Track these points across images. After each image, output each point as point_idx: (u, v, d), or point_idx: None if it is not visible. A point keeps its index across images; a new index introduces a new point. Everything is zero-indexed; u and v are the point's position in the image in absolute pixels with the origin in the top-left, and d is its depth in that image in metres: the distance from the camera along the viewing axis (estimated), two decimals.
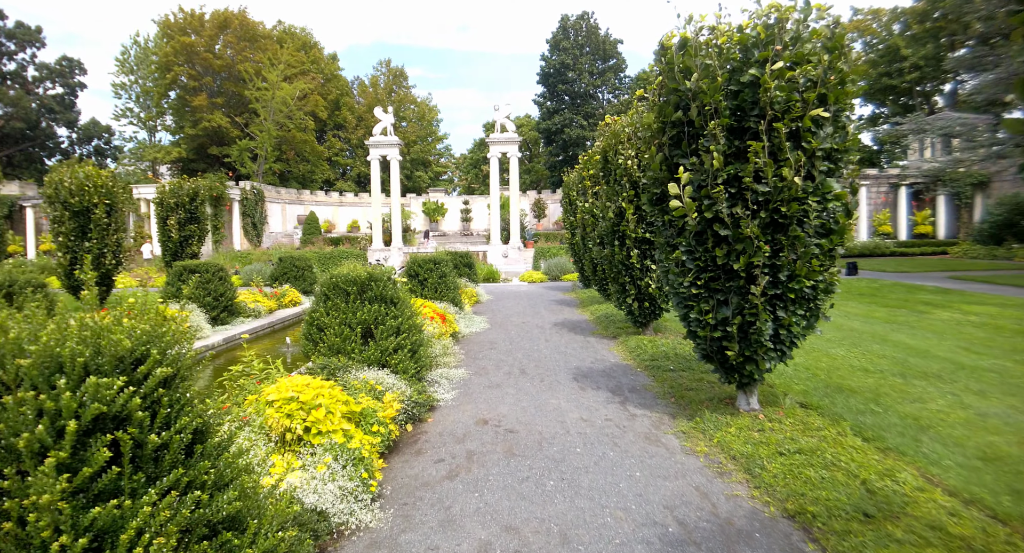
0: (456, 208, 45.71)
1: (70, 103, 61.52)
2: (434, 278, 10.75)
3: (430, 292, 10.66)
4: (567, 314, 12.42)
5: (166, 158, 45.75)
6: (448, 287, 10.81)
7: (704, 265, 4.94)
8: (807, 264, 4.69)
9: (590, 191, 12.47)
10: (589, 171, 12.43)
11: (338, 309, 5.90)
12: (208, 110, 44.06)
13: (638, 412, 5.58)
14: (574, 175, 15.44)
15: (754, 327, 4.79)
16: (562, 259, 21.96)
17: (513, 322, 11.36)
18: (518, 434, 5.01)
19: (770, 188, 4.54)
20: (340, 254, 33.32)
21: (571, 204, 16.06)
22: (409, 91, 57.28)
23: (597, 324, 10.85)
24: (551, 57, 49.68)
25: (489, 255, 31.52)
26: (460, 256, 15.56)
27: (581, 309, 13.03)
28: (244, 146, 42.06)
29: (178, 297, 11.07)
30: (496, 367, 7.58)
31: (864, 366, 7.05)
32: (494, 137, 32.10)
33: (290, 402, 4.07)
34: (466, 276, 15.32)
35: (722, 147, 4.65)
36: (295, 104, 44.80)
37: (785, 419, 5.11)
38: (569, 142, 49.35)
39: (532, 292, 17.16)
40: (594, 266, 13.22)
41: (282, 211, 42.85)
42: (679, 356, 7.63)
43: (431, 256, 11.12)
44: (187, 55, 43.76)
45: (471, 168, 61.80)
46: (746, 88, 4.63)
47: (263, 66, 42.43)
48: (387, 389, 5.14)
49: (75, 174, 13.70)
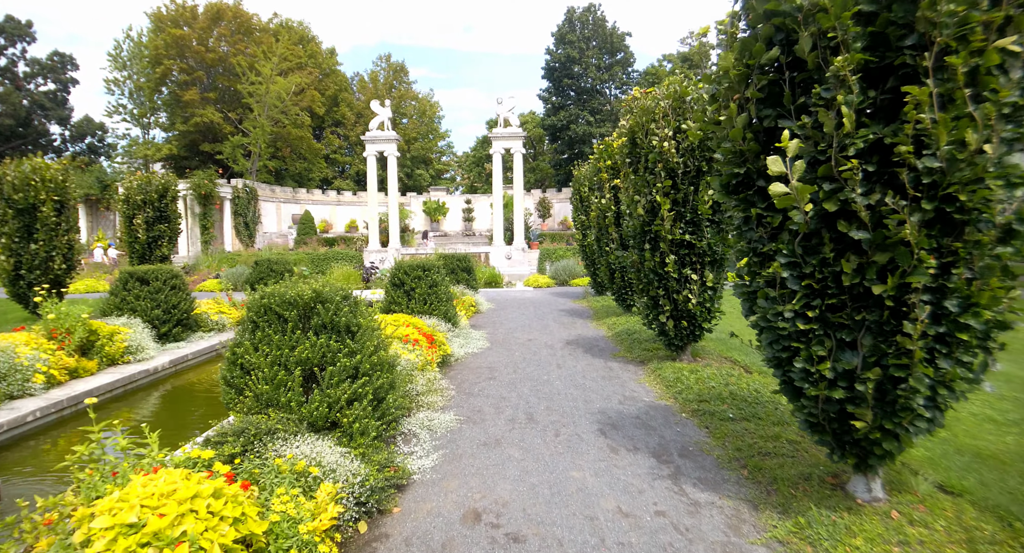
0: (458, 207, 43.95)
1: (62, 100, 60.11)
2: (423, 288, 8.99)
3: (418, 305, 8.89)
4: (580, 328, 10.65)
5: (157, 155, 44.15)
6: (440, 299, 9.04)
7: (819, 287, 3.17)
8: (987, 286, 2.93)
9: (607, 185, 10.70)
10: (606, 162, 10.66)
11: (271, 343, 4.15)
12: (200, 105, 42.44)
13: (702, 497, 3.80)
14: (587, 168, 13.69)
15: (904, 385, 3.01)
16: (570, 262, 20.21)
17: (517, 339, 9.60)
18: (526, 545, 3.26)
19: (942, 163, 2.77)
20: (334, 256, 31.60)
21: (582, 201, 14.31)
22: (410, 87, 55.57)
23: (618, 343, 9.07)
24: (556, 51, 47.85)
25: (491, 257, 29.78)
26: (458, 260, 13.81)
27: (596, 322, 11.26)
28: (237, 142, 40.39)
29: (122, 309, 9.35)
30: (495, 410, 5.81)
31: (989, 415, 5.27)
32: (497, 132, 30.34)
33: (130, 534, 2.32)
34: (464, 282, 13.58)
35: (855, 99, 2.89)
36: (291, 99, 43.12)
37: (931, 518, 3.34)
38: (575, 139, 47.51)
39: (538, 299, 15.40)
40: (611, 272, 11.50)
41: (277, 210, 41.23)
42: (737, 397, 5.85)
43: (421, 261, 9.36)
44: (179, 48, 42.15)
45: (474, 166, 60.08)
46: (894, 2, 2.86)
47: (257, 60, 40.77)
48: (326, 473, 3.39)
49: (19, 167, 12.03)
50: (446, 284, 9.54)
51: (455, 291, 12.25)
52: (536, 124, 53.30)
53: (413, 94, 55.30)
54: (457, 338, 8.84)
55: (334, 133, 52.36)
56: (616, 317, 11.19)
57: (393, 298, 8.88)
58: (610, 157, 10.68)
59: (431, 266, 9.12)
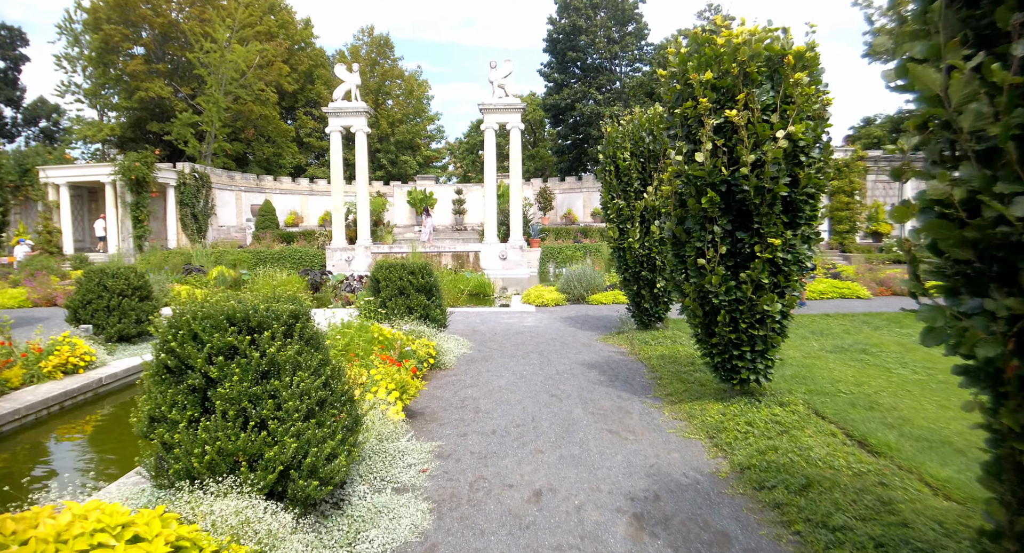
0: (448, 199, 38.15)
1: (12, 79, 54.22)
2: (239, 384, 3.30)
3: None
4: (652, 438, 4.93)
5: (97, 136, 38.19)
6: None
7: None
8: None
9: (708, 126, 5.01)
10: (705, 74, 5.00)
11: None
12: (147, 78, 36.50)
13: None
14: (643, 114, 8.17)
15: None
16: (586, 268, 14.53)
17: (503, 503, 3.91)
18: None
19: None
20: (291, 254, 25.88)
21: (619, 176, 8.68)
22: (395, 64, 49.59)
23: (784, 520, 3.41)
24: (560, 20, 41.92)
25: (483, 256, 24.08)
26: (411, 273, 8.09)
27: (676, 409, 5.57)
28: (186, 120, 34.48)
29: None
30: None
31: None
32: (490, 102, 24.57)
33: None
34: (421, 313, 7.89)
35: None
36: (254, 73, 37.22)
37: None
38: (581, 122, 41.65)
39: (546, 334, 9.69)
40: (702, 296, 5.70)
41: (236, 200, 35.42)
42: None
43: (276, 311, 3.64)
44: (121, 10, 36.15)
45: (467, 154, 54.23)
46: None
47: (212, 24, 34.85)
48: None
49: None
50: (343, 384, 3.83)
51: (399, 334, 6.57)
52: (536, 105, 47.43)
53: (399, 71, 49.36)
54: (354, 514, 3.18)
55: (308, 114, 46.42)
56: (718, 402, 5.49)
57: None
58: (709, 66, 4.99)
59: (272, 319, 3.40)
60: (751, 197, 4.77)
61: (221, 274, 20.07)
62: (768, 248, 4.80)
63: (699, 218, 5.05)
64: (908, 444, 4.53)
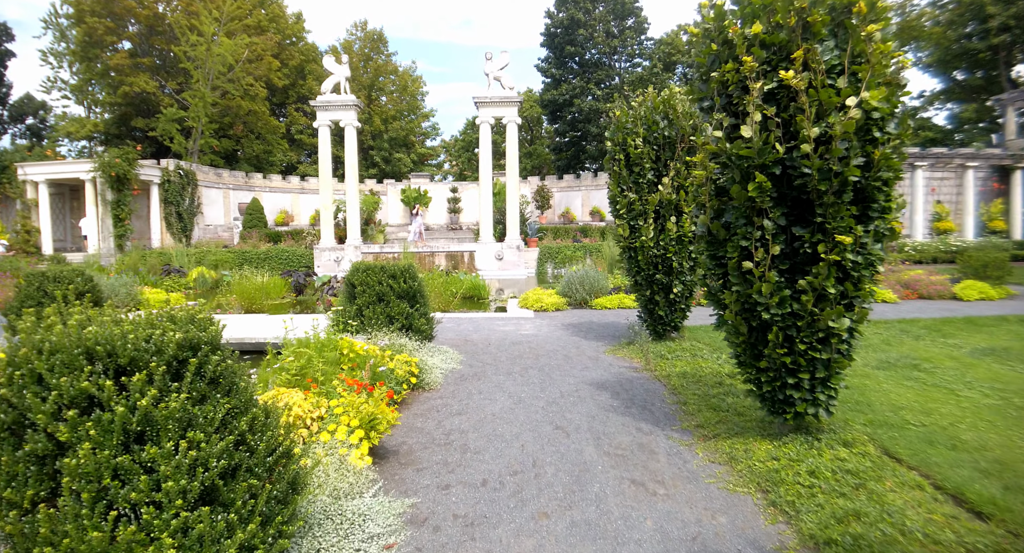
0: (443, 197, 37.04)
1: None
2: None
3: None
4: (695, 499, 3.91)
5: (80, 132, 36.96)
6: None
7: None
8: None
9: (756, 92, 3.93)
10: (753, 27, 3.93)
11: None
12: (131, 72, 35.31)
13: None
14: (657, 95, 7.13)
15: None
16: (589, 269, 13.46)
17: None
18: None
19: None
20: (278, 254, 24.75)
21: (630, 166, 7.65)
22: (389, 59, 48.44)
23: None
24: (558, 14, 40.85)
25: (478, 256, 23.01)
26: (392, 277, 7.03)
27: (711, 448, 4.53)
28: (172, 116, 33.28)
29: None
30: None
31: None
32: (485, 95, 23.50)
33: None
34: (403, 323, 6.83)
35: None
36: (243, 67, 36.06)
37: None
38: (579, 118, 40.62)
39: (546, 345, 8.61)
40: (747, 309, 4.61)
41: (224, 198, 34.27)
42: None
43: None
44: (105, 2, 34.94)
45: (463, 151, 53.13)
46: None
47: (199, 17, 33.67)
48: None
49: None
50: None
51: (373, 349, 5.51)
52: (533, 102, 46.38)
53: (393, 67, 48.21)
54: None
55: (300, 110, 45.24)
56: (765, 440, 4.44)
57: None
58: (756, 16, 3.95)
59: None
60: (814, 182, 3.71)
61: (201, 275, 18.97)
62: (836, 248, 3.75)
63: (744, 210, 4.00)
64: (1018, 500, 3.49)
